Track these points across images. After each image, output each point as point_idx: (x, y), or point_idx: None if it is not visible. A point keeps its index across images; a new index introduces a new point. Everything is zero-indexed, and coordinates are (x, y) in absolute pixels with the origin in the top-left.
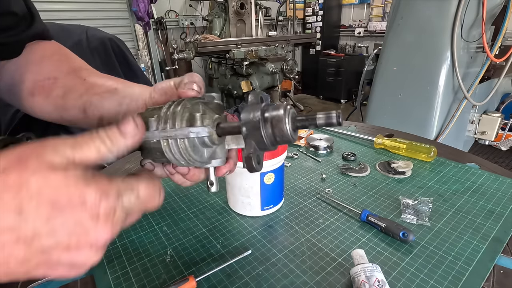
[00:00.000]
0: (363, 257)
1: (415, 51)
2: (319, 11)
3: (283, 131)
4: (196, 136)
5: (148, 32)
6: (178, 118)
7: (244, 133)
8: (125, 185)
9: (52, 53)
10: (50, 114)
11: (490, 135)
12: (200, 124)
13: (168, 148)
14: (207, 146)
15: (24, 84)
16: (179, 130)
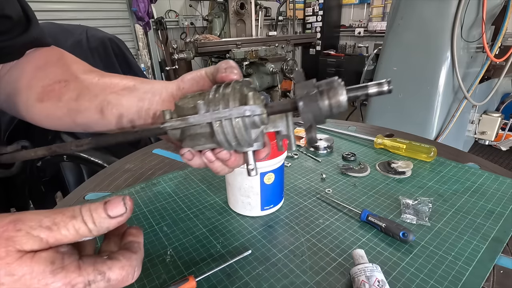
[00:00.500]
0: (363, 257)
1: (415, 51)
2: (319, 11)
3: (340, 102)
4: (252, 114)
5: (148, 32)
6: (231, 98)
7: (301, 108)
8: (95, 273)
9: (58, 58)
10: (60, 119)
11: (490, 135)
12: (253, 103)
13: (221, 129)
14: (256, 126)
15: (31, 91)
16: (234, 109)
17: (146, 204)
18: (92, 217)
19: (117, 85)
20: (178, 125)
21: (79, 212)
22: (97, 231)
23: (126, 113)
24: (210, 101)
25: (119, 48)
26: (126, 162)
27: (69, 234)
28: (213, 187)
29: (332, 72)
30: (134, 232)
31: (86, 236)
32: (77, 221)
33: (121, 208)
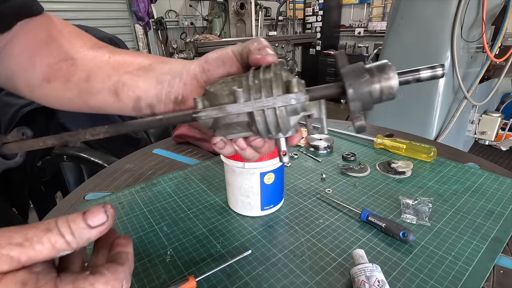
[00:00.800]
0: (363, 257)
1: (415, 51)
2: (319, 11)
3: (392, 87)
4: (297, 102)
5: (148, 32)
6: (274, 85)
7: (351, 95)
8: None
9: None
10: (71, 100)
11: (490, 135)
12: (298, 90)
13: (263, 118)
14: (296, 113)
15: (35, 69)
16: (279, 98)
17: (146, 204)
18: (70, 228)
19: (131, 64)
20: (215, 114)
21: (54, 225)
22: (77, 243)
23: (144, 96)
24: (250, 88)
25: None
26: (126, 162)
27: (44, 249)
28: (213, 187)
29: (332, 72)
30: (122, 242)
31: (65, 250)
32: (53, 234)
33: (102, 216)
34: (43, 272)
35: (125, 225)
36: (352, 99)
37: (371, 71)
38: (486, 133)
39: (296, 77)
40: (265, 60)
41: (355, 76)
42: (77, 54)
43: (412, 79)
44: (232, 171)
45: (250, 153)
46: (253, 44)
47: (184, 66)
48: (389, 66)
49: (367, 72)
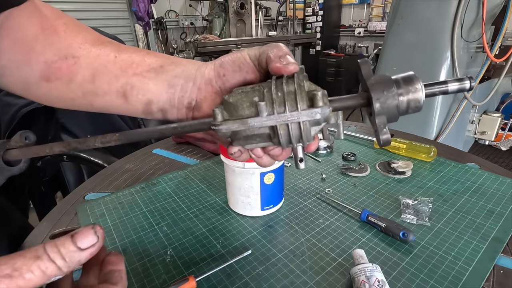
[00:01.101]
0: (363, 257)
1: (415, 51)
2: (319, 11)
3: (419, 101)
4: (322, 116)
5: (148, 32)
6: (299, 98)
7: (378, 110)
8: None
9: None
10: (75, 101)
11: (490, 135)
12: (322, 103)
13: (286, 132)
14: (318, 124)
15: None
16: (303, 113)
17: (146, 204)
18: (60, 253)
19: (140, 65)
20: (236, 128)
21: (43, 251)
22: (68, 267)
23: (156, 100)
24: (273, 101)
25: None
26: (126, 162)
27: (34, 277)
28: (213, 187)
29: (332, 72)
30: (113, 260)
31: (56, 275)
32: (43, 261)
33: (92, 237)
34: None
35: (125, 225)
36: (379, 114)
37: (398, 83)
38: (486, 133)
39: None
40: (287, 70)
41: (382, 89)
42: (79, 52)
43: (439, 92)
44: (232, 171)
45: (267, 161)
46: (273, 51)
47: (198, 69)
48: (416, 78)
49: (395, 85)
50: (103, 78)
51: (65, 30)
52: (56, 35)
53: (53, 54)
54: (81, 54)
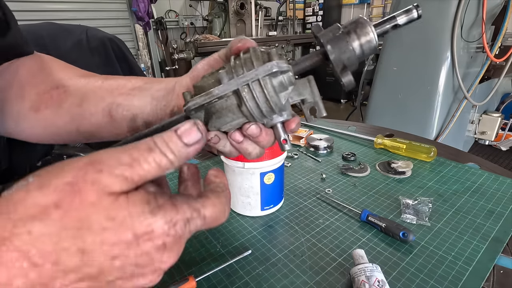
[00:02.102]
0: (363, 257)
1: (415, 51)
2: (319, 11)
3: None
4: (279, 69)
5: (148, 32)
6: (254, 58)
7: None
8: (191, 211)
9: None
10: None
11: (490, 135)
12: (278, 58)
13: (250, 94)
14: (285, 88)
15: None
16: (260, 68)
17: None
18: (170, 147)
19: (125, 86)
20: (202, 101)
21: (154, 144)
22: (178, 161)
23: (140, 114)
24: (231, 69)
25: (119, 48)
26: None
27: (151, 168)
28: None
29: (332, 72)
30: (216, 173)
31: (168, 169)
32: (156, 153)
33: (196, 133)
34: (157, 192)
35: None
36: (332, 53)
37: (345, 27)
38: (486, 133)
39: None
40: (245, 46)
41: (331, 33)
42: (69, 82)
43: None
44: (232, 171)
45: (248, 146)
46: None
47: (177, 82)
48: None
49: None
50: (91, 101)
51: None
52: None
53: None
54: (71, 84)
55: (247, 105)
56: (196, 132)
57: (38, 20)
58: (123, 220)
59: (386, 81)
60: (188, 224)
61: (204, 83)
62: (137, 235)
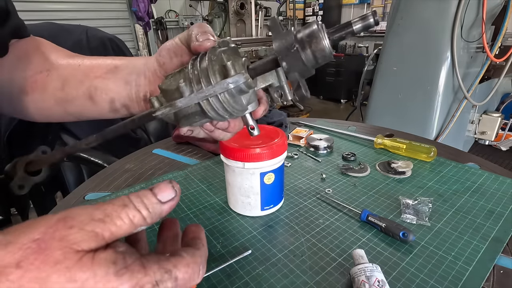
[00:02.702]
0: (363, 257)
1: (415, 51)
2: (319, 11)
3: (324, 49)
4: (235, 85)
5: (148, 32)
6: (211, 73)
7: (285, 67)
8: (161, 271)
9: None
10: (51, 110)
11: (490, 135)
12: (234, 72)
13: (210, 106)
14: (244, 92)
15: (13, 84)
16: (217, 86)
17: None
18: (144, 203)
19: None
20: (168, 111)
21: (129, 201)
22: (151, 218)
23: (118, 98)
24: (191, 81)
25: (119, 48)
26: (126, 162)
27: (124, 224)
28: (213, 187)
29: (332, 72)
30: (194, 229)
31: (141, 226)
32: (130, 209)
33: (170, 191)
34: (127, 252)
35: None
36: (288, 71)
37: (301, 41)
38: (486, 133)
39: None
40: (202, 47)
41: (286, 49)
42: (51, 66)
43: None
44: (232, 171)
45: (219, 134)
46: (193, 30)
47: (145, 64)
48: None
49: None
50: (71, 85)
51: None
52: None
53: (30, 69)
54: (53, 67)
55: (209, 113)
56: (171, 190)
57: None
58: (84, 282)
59: (386, 81)
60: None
61: (168, 87)
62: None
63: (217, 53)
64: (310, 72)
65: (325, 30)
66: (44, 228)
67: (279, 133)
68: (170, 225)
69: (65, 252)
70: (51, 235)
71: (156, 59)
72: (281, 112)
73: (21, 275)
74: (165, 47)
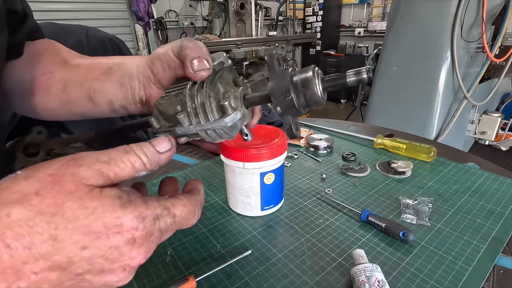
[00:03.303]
0: (363, 257)
1: (415, 51)
2: (319, 11)
3: (316, 97)
4: (232, 122)
5: (148, 32)
6: (208, 110)
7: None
8: (161, 208)
9: (45, 49)
10: (56, 110)
11: (490, 135)
12: (231, 110)
13: (207, 136)
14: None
15: (24, 84)
16: (214, 123)
17: None
18: (143, 151)
19: (96, 70)
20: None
21: (130, 148)
22: (150, 165)
23: (115, 99)
24: (190, 114)
25: (119, 48)
26: None
27: (126, 167)
28: (213, 187)
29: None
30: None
31: (142, 171)
32: (131, 155)
33: (167, 143)
34: (131, 190)
35: None
36: (281, 115)
37: (296, 87)
38: (486, 133)
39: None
40: (198, 78)
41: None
42: (54, 68)
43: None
44: (232, 171)
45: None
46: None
47: (137, 67)
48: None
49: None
50: (72, 87)
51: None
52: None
53: (36, 71)
54: (55, 69)
55: (206, 139)
56: (168, 143)
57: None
58: (94, 210)
59: (386, 81)
60: (158, 221)
61: (165, 109)
62: (107, 226)
63: (214, 83)
64: (302, 113)
65: (320, 77)
66: (58, 165)
67: (279, 133)
68: (170, 181)
69: (77, 185)
70: (64, 171)
71: (148, 66)
72: None
73: (40, 200)
74: (157, 57)
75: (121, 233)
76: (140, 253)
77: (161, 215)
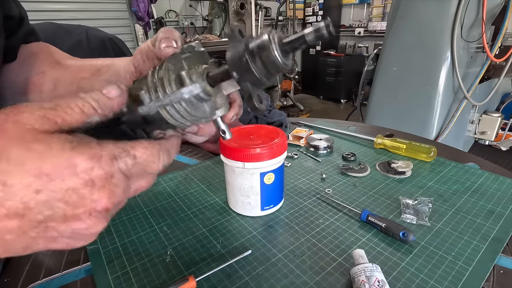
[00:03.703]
0: (363, 257)
1: (415, 51)
2: (319, 11)
3: (274, 61)
4: (190, 95)
5: (148, 32)
6: (166, 83)
7: (236, 78)
8: (119, 150)
9: (39, 50)
10: None
11: (490, 135)
12: (189, 81)
13: (169, 115)
14: (205, 100)
15: (17, 85)
16: (172, 95)
17: (146, 204)
18: (92, 97)
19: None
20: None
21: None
22: (101, 109)
23: None
24: (150, 89)
25: (119, 48)
26: None
27: (74, 112)
28: (213, 187)
29: (332, 72)
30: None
31: (93, 115)
32: (79, 100)
33: (116, 89)
34: (84, 136)
35: (125, 225)
36: (239, 81)
37: (252, 52)
38: (486, 133)
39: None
40: (163, 54)
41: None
42: (46, 68)
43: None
44: (232, 171)
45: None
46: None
47: (123, 66)
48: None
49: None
50: (62, 86)
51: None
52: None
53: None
54: (47, 70)
55: (170, 121)
56: (118, 89)
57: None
58: (43, 152)
59: (386, 81)
60: (116, 161)
61: (133, 91)
62: (59, 167)
63: (177, 60)
64: (265, 83)
65: (277, 41)
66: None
67: (279, 133)
68: None
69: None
70: (4, 120)
71: (132, 62)
72: (281, 112)
73: None
74: (139, 51)
75: (76, 174)
76: (103, 196)
77: (119, 156)
